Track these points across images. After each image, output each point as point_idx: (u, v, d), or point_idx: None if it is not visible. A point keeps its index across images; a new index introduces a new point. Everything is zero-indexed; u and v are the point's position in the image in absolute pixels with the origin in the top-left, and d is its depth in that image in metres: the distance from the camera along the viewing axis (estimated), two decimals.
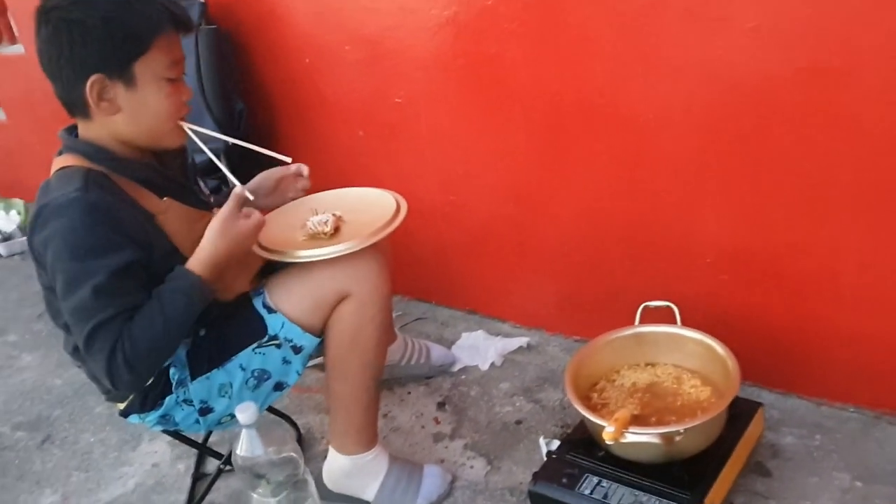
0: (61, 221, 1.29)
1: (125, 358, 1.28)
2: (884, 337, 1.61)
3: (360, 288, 1.46)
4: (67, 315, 1.32)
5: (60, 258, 1.29)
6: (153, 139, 1.42)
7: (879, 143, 1.45)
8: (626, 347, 1.68)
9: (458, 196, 2.14)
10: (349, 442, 1.59)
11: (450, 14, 1.85)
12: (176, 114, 1.41)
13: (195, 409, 1.50)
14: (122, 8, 1.31)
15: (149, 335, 1.30)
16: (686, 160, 1.67)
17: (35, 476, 1.96)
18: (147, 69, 1.34)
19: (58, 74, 1.36)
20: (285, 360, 1.50)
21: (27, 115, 3.37)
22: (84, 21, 1.30)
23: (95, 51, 1.31)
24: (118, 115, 1.37)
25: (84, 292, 1.27)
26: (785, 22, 1.44)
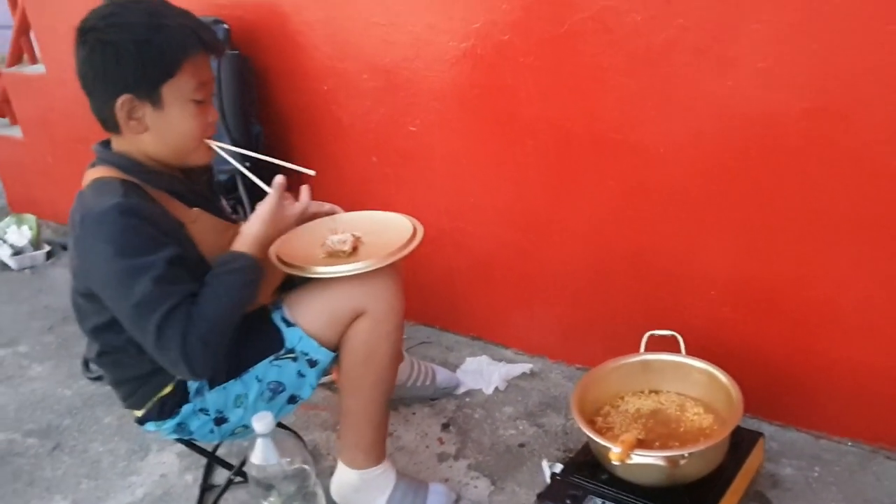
0: (106, 227, 1.34)
1: (200, 338, 1.32)
2: (883, 372, 1.66)
3: (376, 305, 1.51)
4: (128, 313, 1.35)
5: (111, 261, 1.34)
6: (179, 157, 1.49)
7: (880, 181, 1.51)
8: (632, 374, 1.73)
9: (467, 223, 2.19)
10: (359, 456, 1.63)
11: (467, 46, 1.91)
12: (201, 134, 1.47)
13: (211, 419, 1.54)
14: (154, 32, 1.38)
15: (218, 314, 1.35)
16: (692, 193, 1.73)
17: (45, 482, 1.98)
18: (174, 91, 1.41)
19: (92, 91, 1.43)
20: (300, 373, 1.54)
21: (44, 134, 3.43)
22: (117, 43, 1.37)
23: (126, 72, 1.38)
24: (146, 134, 1.43)
25: (144, 286, 1.31)
26: (792, 64, 1.50)
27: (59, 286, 3.08)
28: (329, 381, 2.10)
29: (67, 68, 3.12)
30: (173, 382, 1.51)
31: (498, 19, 1.83)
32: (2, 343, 2.69)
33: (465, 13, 1.88)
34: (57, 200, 3.57)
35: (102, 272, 1.36)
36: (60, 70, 3.13)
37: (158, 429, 1.57)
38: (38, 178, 3.61)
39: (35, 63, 3.43)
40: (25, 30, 3.35)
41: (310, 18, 2.20)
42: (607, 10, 1.66)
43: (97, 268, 1.37)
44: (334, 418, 2.04)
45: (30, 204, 3.63)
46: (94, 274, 1.38)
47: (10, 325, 2.81)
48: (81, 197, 1.43)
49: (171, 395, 1.52)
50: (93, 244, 1.36)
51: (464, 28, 1.89)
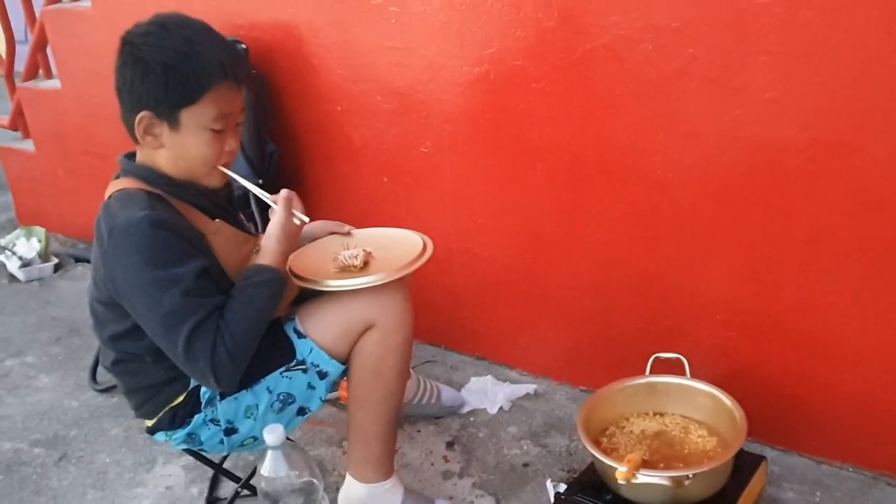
0: (135, 239, 1.38)
1: (227, 351, 1.37)
2: (885, 399, 1.68)
3: (386, 318, 1.54)
4: (157, 325, 1.39)
5: (140, 272, 1.37)
6: (189, 178, 1.52)
7: (884, 210, 1.54)
8: (638, 396, 1.75)
9: (475, 245, 2.22)
10: (367, 470, 1.64)
11: (480, 71, 1.96)
12: (213, 161, 1.50)
13: (221, 429, 1.56)
14: (184, 58, 1.42)
15: (245, 327, 1.39)
16: (700, 219, 1.76)
17: (52, 492, 1.99)
18: (192, 118, 1.45)
19: (121, 100, 1.48)
20: (310, 385, 1.56)
21: (57, 148, 3.47)
22: (147, 62, 1.42)
23: (151, 91, 1.43)
24: (161, 150, 1.48)
25: (173, 298, 1.35)
26: (801, 95, 1.54)
27: (67, 298, 3.11)
28: (335, 398, 2.12)
29: (83, 84, 3.21)
30: (186, 392, 1.54)
31: (511, 45, 1.88)
32: (9, 354, 2.71)
33: (479, 39, 1.92)
34: (66, 213, 3.61)
35: (131, 284, 1.39)
36: (76, 85, 3.18)
37: (168, 438, 1.59)
38: (49, 191, 3.64)
39: (51, 78, 3.48)
40: (42, 45, 3.40)
41: (326, 41, 2.24)
42: (619, 38, 1.71)
43: (126, 279, 1.40)
44: (340, 434, 2.06)
45: (39, 216, 3.66)
46: (123, 285, 1.41)
47: (18, 336, 2.83)
48: (107, 208, 1.47)
49: (183, 404, 1.54)
50: (122, 256, 1.39)
51: (477, 53, 1.94)
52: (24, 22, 3.58)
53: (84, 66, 3.10)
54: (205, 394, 1.54)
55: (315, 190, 2.49)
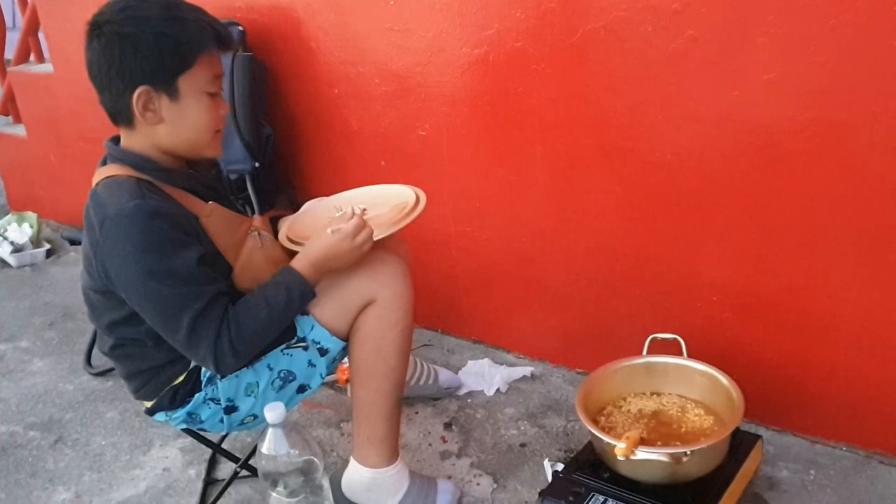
0: (128, 229, 1.36)
1: (230, 341, 1.37)
2: (878, 379, 1.70)
3: (384, 293, 1.53)
4: (156, 314, 1.39)
5: (136, 263, 1.36)
6: (192, 149, 1.51)
7: (882, 192, 1.55)
8: (635, 375, 1.76)
9: (473, 228, 2.23)
10: (372, 452, 1.63)
11: (480, 53, 1.96)
12: (214, 126, 1.50)
13: (221, 408, 1.56)
14: (172, 24, 1.41)
15: (253, 323, 1.40)
16: (698, 200, 1.77)
17: (48, 474, 1.99)
18: (190, 83, 1.43)
19: (106, 85, 1.44)
20: (311, 362, 1.56)
21: (48, 133, 3.45)
22: (136, 35, 1.39)
23: (144, 64, 1.40)
24: (161, 126, 1.45)
25: (172, 289, 1.36)
26: (799, 76, 1.55)
27: (60, 283, 3.10)
28: (332, 381, 2.12)
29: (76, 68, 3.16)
30: (186, 371, 1.54)
31: (511, 27, 1.88)
32: (3, 339, 2.70)
33: (478, 20, 1.92)
34: (58, 199, 3.59)
35: (127, 275, 1.38)
36: (69, 70, 3.16)
37: (168, 419, 1.59)
38: (40, 177, 3.62)
39: (42, 62, 3.46)
40: (34, 29, 3.37)
41: (323, 23, 2.24)
42: (619, 20, 1.71)
43: (121, 271, 1.39)
44: (338, 416, 2.06)
45: (31, 202, 3.65)
46: (118, 276, 1.40)
47: (11, 321, 2.82)
48: (96, 196, 1.43)
49: (184, 383, 1.54)
50: (115, 247, 1.38)
51: (476, 34, 1.94)
52: (12, 8, 3.54)
53: (77, 50, 3.04)
54: (205, 373, 1.53)
55: (312, 173, 2.49)
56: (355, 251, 1.47)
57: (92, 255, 1.43)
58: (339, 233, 1.46)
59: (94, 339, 2.48)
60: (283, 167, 2.49)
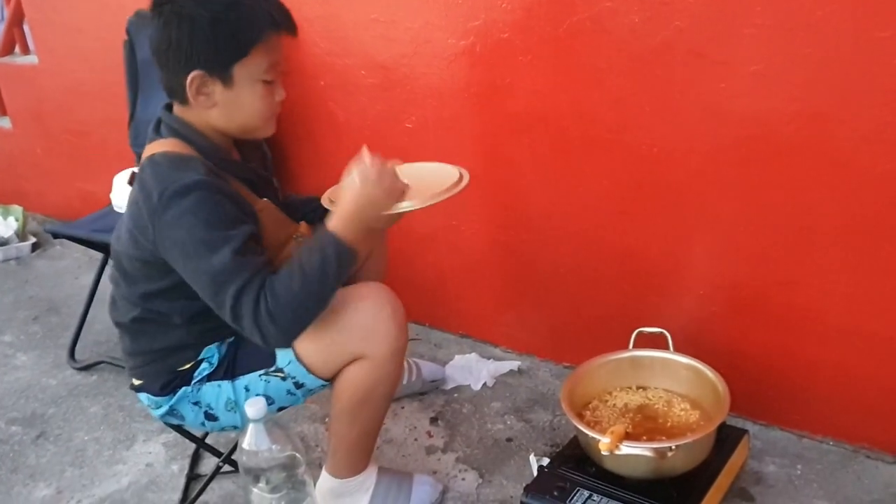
0: (190, 201, 1.35)
1: (268, 310, 1.32)
2: (866, 373, 1.69)
3: (377, 352, 1.47)
4: (206, 283, 1.36)
5: (192, 231, 1.35)
6: (243, 132, 1.50)
7: (868, 185, 1.54)
8: (621, 370, 1.75)
9: (459, 221, 2.21)
10: (340, 467, 1.62)
11: (466, 44, 1.94)
12: (268, 113, 1.48)
13: (202, 411, 1.55)
14: (231, 10, 1.38)
15: (287, 290, 1.34)
16: (684, 193, 1.76)
17: (29, 470, 1.97)
18: (245, 71, 1.41)
19: (164, 63, 1.43)
20: (289, 392, 1.53)
21: (34, 126, 3.42)
22: (194, 18, 1.37)
23: (200, 49, 1.38)
24: (214, 109, 1.44)
25: (224, 257, 1.33)
26: (786, 68, 1.54)
27: (45, 277, 3.07)
28: None
29: (62, 60, 3.16)
30: (193, 361, 1.52)
31: (498, 18, 1.86)
32: None
33: (464, 11, 1.90)
34: (45, 192, 3.56)
35: (184, 243, 1.36)
36: (54, 61, 3.13)
37: (152, 405, 1.57)
38: (26, 170, 3.59)
39: (27, 54, 3.42)
40: (19, 20, 3.34)
41: (309, 14, 2.21)
42: (606, 11, 1.69)
43: (178, 239, 1.36)
44: (323, 410, 2.04)
45: (16, 195, 3.61)
46: (174, 244, 1.37)
47: None
48: (157, 167, 1.41)
49: (183, 373, 1.52)
50: (174, 216, 1.35)
51: (463, 26, 1.92)
52: None
53: (63, 42, 3.05)
54: (201, 371, 1.52)
55: (298, 166, 2.47)
56: (386, 194, 1.42)
57: (148, 223, 1.39)
58: (365, 180, 1.41)
59: (78, 332, 2.46)
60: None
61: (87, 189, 3.27)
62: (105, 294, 2.45)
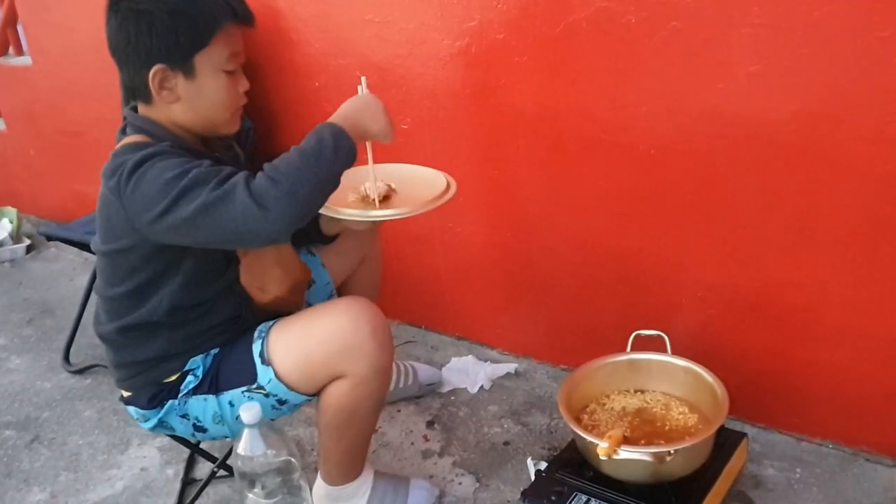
0: (153, 161, 1.31)
1: (268, 176, 1.26)
2: (864, 376, 1.68)
3: (358, 370, 1.44)
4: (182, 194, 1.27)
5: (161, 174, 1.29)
6: (210, 127, 1.47)
7: (866, 185, 1.53)
8: (619, 373, 1.74)
9: (455, 223, 2.20)
10: (334, 475, 1.61)
11: (462, 45, 1.92)
12: (232, 104, 1.46)
13: (191, 424, 1.54)
14: (188, 2, 1.37)
15: (286, 163, 1.29)
16: (682, 195, 1.75)
17: (23, 474, 1.95)
18: (207, 62, 1.39)
19: (123, 61, 1.41)
20: (273, 407, 1.50)
21: (28, 127, 3.40)
22: (151, 12, 1.36)
23: (160, 42, 1.36)
24: (177, 104, 1.42)
25: (194, 174, 1.27)
26: (782, 68, 1.52)
27: (40, 279, 3.06)
28: None
29: (55, 60, 3.13)
30: (179, 373, 1.50)
31: (493, 18, 1.84)
32: None
33: (460, 11, 1.89)
34: (39, 193, 3.54)
35: (154, 192, 1.29)
36: (47, 62, 3.11)
37: (140, 418, 1.55)
38: (20, 171, 3.57)
39: (21, 54, 3.40)
40: (13, 21, 3.32)
41: (303, 14, 2.20)
42: (602, 11, 1.68)
43: (146, 191, 1.30)
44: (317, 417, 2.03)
45: (10, 197, 3.59)
46: (143, 199, 1.31)
47: None
48: (118, 155, 1.37)
49: (170, 385, 1.51)
50: (139, 177, 1.30)
51: (458, 26, 1.90)
52: None
53: (56, 43, 3.04)
54: (187, 385, 1.50)
55: None
56: (381, 112, 1.47)
57: (118, 202, 1.34)
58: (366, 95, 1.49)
59: (72, 335, 2.44)
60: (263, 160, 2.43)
61: (81, 190, 3.25)
62: None
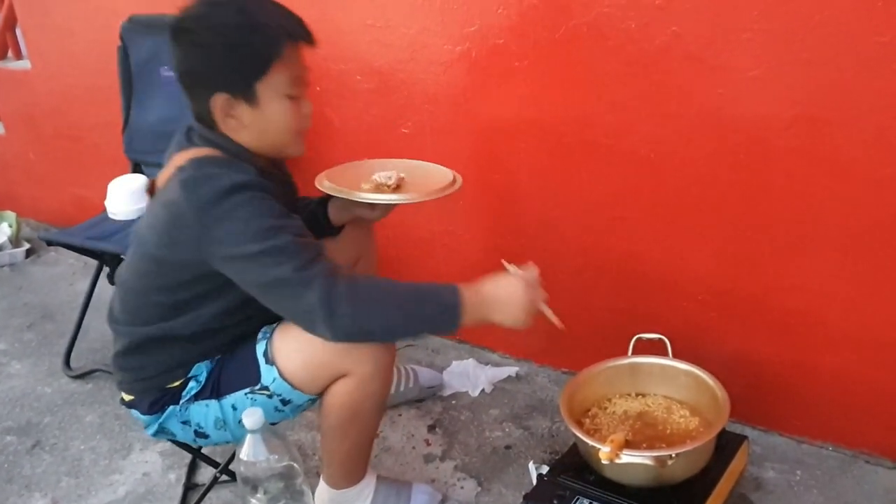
0: (244, 196, 1.32)
1: (355, 290, 1.30)
2: (865, 378, 1.69)
3: (362, 369, 1.45)
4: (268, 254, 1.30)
5: (250, 220, 1.31)
6: (276, 151, 1.49)
7: (867, 189, 1.54)
8: (620, 376, 1.74)
9: (456, 227, 2.20)
10: (336, 477, 1.61)
11: (462, 50, 1.93)
12: (296, 128, 1.46)
13: (192, 430, 1.54)
14: (245, 32, 1.36)
15: (381, 291, 1.35)
16: (682, 198, 1.75)
17: (24, 480, 1.95)
18: (268, 88, 1.39)
19: (190, 90, 1.42)
20: (277, 409, 1.51)
21: (27, 130, 3.39)
22: (210, 46, 1.36)
23: (220, 73, 1.38)
24: (244, 131, 1.43)
25: (286, 238, 1.31)
26: (784, 72, 1.53)
27: (39, 284, 3.05)
28: None
29: (55, 64, 3.13)
30: (182, 379, 1.51)
31: (493, 23, 1.85)
32: None
33: (460, 16, 1.89)
34: (38, 197, 3.54)
35: (238, 232, 1.31)
36: (47, 66, 3.11)
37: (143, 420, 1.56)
38: (19, 175, 3.57)
39: (20, 58, 3.40)
40: (12, 25, 3.31)
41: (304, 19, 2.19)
42: (602, 16, 1.68)
43: (231, 229, 1.32)
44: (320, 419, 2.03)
45: (10, 201, 3.58)
46: (226, 235, 1.32)
47: None
48: (202, 166, 1.37)
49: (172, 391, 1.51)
50: (227, 209, 1.32)
51: (459, 31, 1.91)
52: None
53: (56, 47, 3.03)
54: (189, 391, 1.51)
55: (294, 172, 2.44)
56: (523, 310, 1.46)
57: (194, 221, 1.33)
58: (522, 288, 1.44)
59: (73, 340, 2.44)
60: None
61: (80, 194, 3.25)
62: (100, 301, 2.45)
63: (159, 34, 2.39)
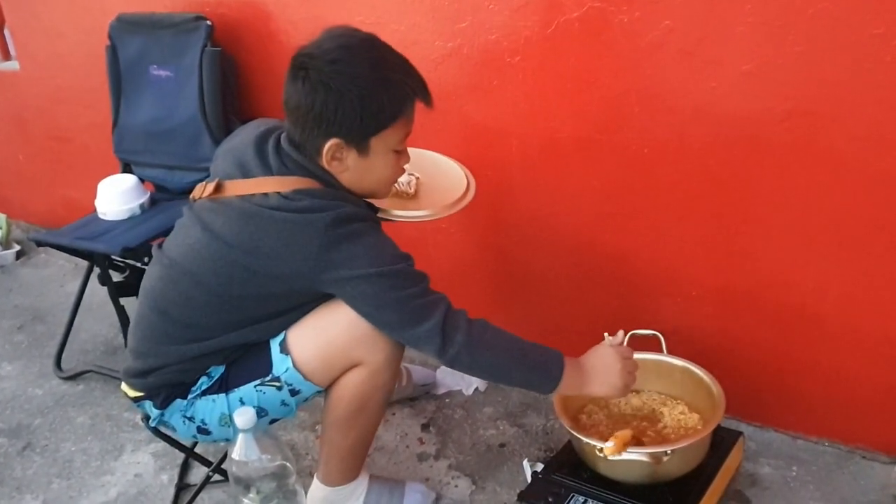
0: (360, 226, 1.39)
1: (473, 330, 1.42)
2: (860, 374, 1.68)
3: (374, 358, 1.47)
4: (387, 279, 1.38)
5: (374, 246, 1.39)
6: (366, 194, 1.51)
7: (861, 184, 1.53)
8: None
9: (449, 224, 2.19)
10: (332, 474, 1.61)
11: (453, 46, 1.92)
12: (394, 180, 1.53)
13: (195, 426, 1.54)
14: (378, 87, 1.37)
15: (497, 338, 1.46)
16: (676, 194, 1.75)
17: (15, 482, 1.93)
18: (382, 143, 1.42)
19: (301, 123, 1.40)
20: (283, 402, 1.51)
21: (16, 132, 3.37)
22: (342, 92, 1.35)
23: (343, 120, 1.37)
24: (344, 174, 1.44)
25: (408, 265, 1.42)
26: (776, 66, 1.52)
27: (30, 285, 3.03)
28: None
29: (43, 65, 3.11)
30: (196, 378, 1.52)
31: (485, 19, 1.84)
32: None
33: (451, 12, 1.88)
34: (28, 199, 3.51)
35: (361, 255, 1.37)
36: (35, 67, 3.09)
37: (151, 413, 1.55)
38: (9, 177, 3.54)
39: (9, 59, 3.37)
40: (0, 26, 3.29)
41: (294, 17, 2.19)
42: (595, 11, 1.67)
43: (354, 252, 1.36)
44: (313, 418, 2.02)
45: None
46: (347, 261, 1.36)
47: None
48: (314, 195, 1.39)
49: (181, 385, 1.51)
50: (348, 235, 1.36)
51: (450, 27, 1.90)
52: None
53: (44, 48, 3.01)
54: (201, 385, 1.51)
55: None
56: (614, 390, 1.49)
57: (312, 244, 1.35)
58: (619, 372, 1.49)
59: (64, 341, 2.42)
60: None
61: (70, 196, 3.23)
62: (91, 302, 2.44)
63: (148, 33, 2.38)
